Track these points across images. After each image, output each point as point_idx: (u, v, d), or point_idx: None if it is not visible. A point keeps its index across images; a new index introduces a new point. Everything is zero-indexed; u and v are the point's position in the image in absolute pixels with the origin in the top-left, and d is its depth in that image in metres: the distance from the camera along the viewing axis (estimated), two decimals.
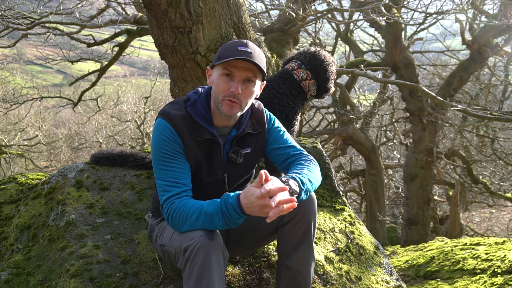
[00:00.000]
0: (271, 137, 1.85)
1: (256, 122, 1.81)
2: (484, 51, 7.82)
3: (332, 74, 2.51)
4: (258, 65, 1.62)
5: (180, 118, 1.67)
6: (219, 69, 1.65)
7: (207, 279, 1.43)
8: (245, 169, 1.83)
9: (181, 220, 1.54)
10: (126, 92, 20.72)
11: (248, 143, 1.80)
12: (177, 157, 1.66)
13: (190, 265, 1.45)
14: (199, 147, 1.69)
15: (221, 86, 1.64)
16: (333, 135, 9.43)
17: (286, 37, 5.22)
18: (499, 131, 10.84)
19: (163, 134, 1.66)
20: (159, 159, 1.65)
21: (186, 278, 1.47)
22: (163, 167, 1.64)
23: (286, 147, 1.83)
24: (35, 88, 13.43)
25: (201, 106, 1.72)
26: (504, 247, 3.12)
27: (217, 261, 1.47)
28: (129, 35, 6.70)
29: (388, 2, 5.23)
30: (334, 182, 2.89)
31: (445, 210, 13.30)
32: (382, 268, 2.49)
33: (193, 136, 1.67)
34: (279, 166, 1.86)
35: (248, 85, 1.66)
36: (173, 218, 1.56)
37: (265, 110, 1.87)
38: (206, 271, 1.43)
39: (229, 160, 1.76)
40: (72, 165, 2.50)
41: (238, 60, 1.60)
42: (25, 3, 7.26)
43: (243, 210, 1.47)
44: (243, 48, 1.62)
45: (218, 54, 1.67)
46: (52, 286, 1.88)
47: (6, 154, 11.43)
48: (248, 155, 1.80)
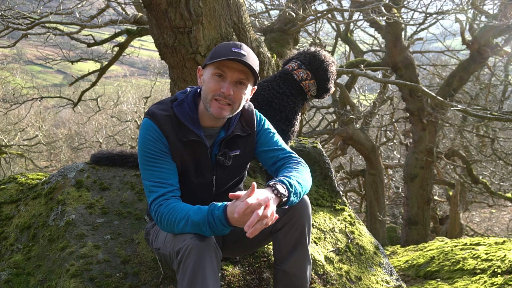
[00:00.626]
0: (261, 139, 1.81)
1: (245, 124, 1.78)
2: (484, 51, 7.81)
3: (332, 74, 2.51)
4: (252, 67, 1.59)
5: (165, 118, 1.64)
6: (211, 69, 1.63)
7: (201, 280, 1.42)
8: (234, 171, 1.79)
9: (170, 225, 1.54)
10: (126, 92, 20.71)
11: (237, 145, 1.76)
12: (163, 157, 1.63)
13: (183, 267, 1.44)
14: (184, 147, 1.66)
15: (211, 85, 1.62)
16: (333, 135, 9.43)
17: (286, 37, 5.22)
18: (499, 131, 10.84)
19: (148, 134, 1.64)
20: (144, 159, 1.63)
21: (179, 279, 1.46)
22: (149, 167, 1.63)
23: (275, 149, 1.79)
24: (35, 88, 13.43)
25: (187, 106, 1.69)
26: (504, 247, 3.12)
27: (210, 262, 1.46)
28: (129, 35, 6.70)
29: (388, 2, 5.23)
30: (334, 182, 2.89)
31: (445, 210, 13.29)
32: (382, 268, 2.49)
33: (178, 136, 1.65)
34: (269, 169, 1.82)
35: (239, 87, 1.64)
36: (162, 222, 1.56)
37: (255, 111, 1.83)
38: (199, 272, 1.43)
39: (218, 163, 1.73)
40: (72, 165, 2.50)
41: (231, 61, 1.58)
42: (25, 3, 7.26)
43: (229, 223, 1.45)
44: (237, 49, 1.60)
45: (212, 54, 1.64)
46: (52, 286, 1.88)
47: (6, 154, 11.43)
48: (237, 157, 1.77)
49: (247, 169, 1.90)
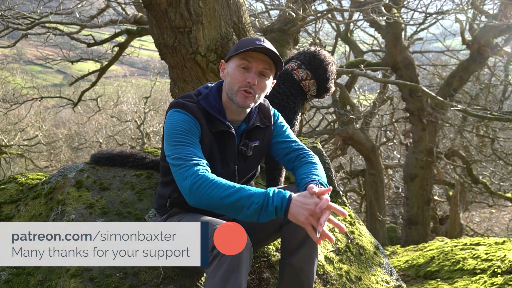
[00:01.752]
0: (275, 131, 1.89)
1: (263, 116, 1.86)
2: (484, 51, 7.82)
3: (332, 74, 2.51)
4: (276, 56, 1.66)
5: (196, 108, 1.68)
6: (236, 61, 1.69)
7: (235, 278, 1.41)
8: (253, 162, 1.86)
9: (211, 189, 1.46)
10: (126, 92, 20.71)
11: (256, 136, 1.83)
12: (194, 137, 1.63)
13: (219, 261, 1.42)
14: (214, 138, 1.71)
15: (237, 76, 1.67)
16: (333, 135, 9.43)
17: (286, 37, 5.22)
18: (499, 131, 10.84)
19: (181, 116, 1.64)
20: (175, 136, 1.60)
21: (211, 273, 1.43)
22: (181, 142, 1.59)
23: (288, 141, 1.88)
24: (35, 88, 13.45)
25: (213, 99, 1.75)
26: (504, 247, 3.12)
27: (246, 262, 1.46)
28: (129, 35, 6.71)
29: (388, 2, 5.23)
30: (334, 182, 2.90)
31: (445, 210, 13.29)
32: (382, 268, 2.49)
33: (208, 127, 1.69)
34: (281, 160, 1.88)
35: (263, 78, 1.70)
36: (203, 185, 1.48)
37: (270, 106, 1.92)
38: (235, 269, 1.42)
39: (240, 153, 1.79)
40: (72, 165, 2.50)
41: (257, 51, 1.65)
42: (25, 3, 7.26)
43: (288, 208, 1.43)
44: (261, 42, 1.67)
45: (236, 46, 1.70)
46: (52, 286, 1.88)
47: (6, 154, 11.43)
48: (257, 148, 1.83)
49: (261, 162, 1.96)
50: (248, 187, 1.49)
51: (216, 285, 1.41)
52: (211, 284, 1.42)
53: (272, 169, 2.34)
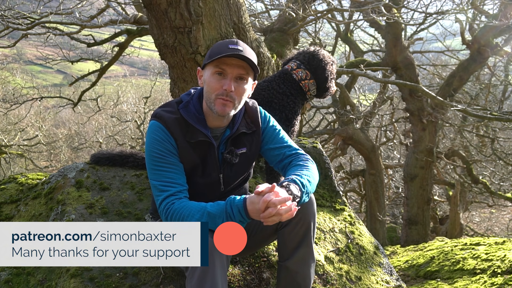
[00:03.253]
0: (266, 137, 1.81)
1: (250, 121, 1.78)
2: (484, 51, 7.81)
3: (331, 73, 2.50)
4: (251, 61, 1.60)
5: (173, 120, 1.65)
6: (211, 68, 1.63)
7: (211, 278, 1.43)
8: (241, 169, 1.80)
9: (181, 218, 1.53)
10: (126, 92, 20.70)
11: (243, 142, 1.77)
12: (171, 157, 1.64)
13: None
14: (193, 149, 1.67)
15: (213, 84, 1.62)
16: (333, 135, 9.43)
17: (286, 37, 5.22)
18: (499, 131, 10.83)
19: (156, 134, 1.64)
20: (153, 160, 1.64)
21: (189, 276, 1.47)
22: (157, 167, 1.63)
23: (281, 147, 1.79)
24: (35, 88, 13.44)
25: (193, 108, 1.70)
26: (504, 247, 3.11)
27: (220, 261, 1.47)
28: (129, 35, 6.71)
29: (388, 2, 5.23)
30: (334, 182, 2.90)
31: (445, 210, 13.29)
32: (382, 268, 2.49)
33: (186, 138, 1.66)
34: (275, 167, 1.82)
35: (240, 82, 1.64)
36: (173, 219, 1.55)
37: (259, 109, 1.83)
38: (209, 270, 1.43)
39: (225, 161, 1.74)
40: (72, 165, 2.50)
41: (230, 57, 1.59)
42: (25, 3, 7.27)
43: (248, 214, 1.47)
44: (234, 46, 1.61)
45: (209, 53, 1.65)
46: (52, 286, 1.88)
47: (6, 154, 11.43)
48: (244, 155, 1.77)
49: (252, 166, 1.91)
50: (211, 206, 1.51)
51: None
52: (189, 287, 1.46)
53: (272, 169, 2.34)
